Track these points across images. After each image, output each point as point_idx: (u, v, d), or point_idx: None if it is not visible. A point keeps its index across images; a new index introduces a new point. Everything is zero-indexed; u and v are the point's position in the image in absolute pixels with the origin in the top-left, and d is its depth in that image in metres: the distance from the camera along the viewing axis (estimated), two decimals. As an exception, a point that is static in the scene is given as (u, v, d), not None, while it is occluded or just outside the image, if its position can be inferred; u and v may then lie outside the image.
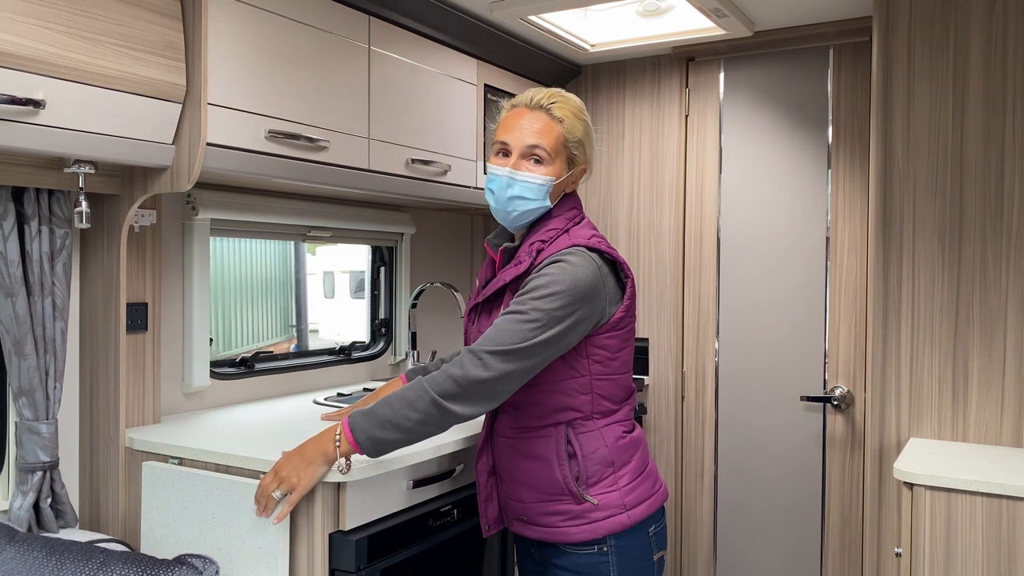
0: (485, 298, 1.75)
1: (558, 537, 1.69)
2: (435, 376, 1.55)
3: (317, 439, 1.60)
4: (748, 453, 2.91)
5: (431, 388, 1.54)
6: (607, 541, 1.67)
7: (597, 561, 1.67)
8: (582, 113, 1.74)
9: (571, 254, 1.63)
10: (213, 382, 2.33)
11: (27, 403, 1.80)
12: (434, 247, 3.20)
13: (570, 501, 1.67)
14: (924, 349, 2.27)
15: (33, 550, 1.62)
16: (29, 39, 1.50)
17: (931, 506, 1.91)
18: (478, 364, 1.54)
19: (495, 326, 1.59)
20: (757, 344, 2.89)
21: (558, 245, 1.67)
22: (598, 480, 1.67)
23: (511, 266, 1.71)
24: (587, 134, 1.74)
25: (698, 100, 2.98)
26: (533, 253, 1.68)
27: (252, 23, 1.90)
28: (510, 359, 1.54)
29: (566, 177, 1.73)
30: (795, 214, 2.83)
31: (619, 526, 1.66)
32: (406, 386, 1.58)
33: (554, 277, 1.59)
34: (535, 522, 1.71)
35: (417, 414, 1.54)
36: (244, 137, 1.88)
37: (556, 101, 1.71)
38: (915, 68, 2.28)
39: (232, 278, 2.77)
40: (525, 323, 1.56)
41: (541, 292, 1.58)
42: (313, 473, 1.59)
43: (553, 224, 1.71)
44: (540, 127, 1.69)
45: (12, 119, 1.50)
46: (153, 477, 1.87)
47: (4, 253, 1.75)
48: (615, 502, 1.67)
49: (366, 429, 1.56)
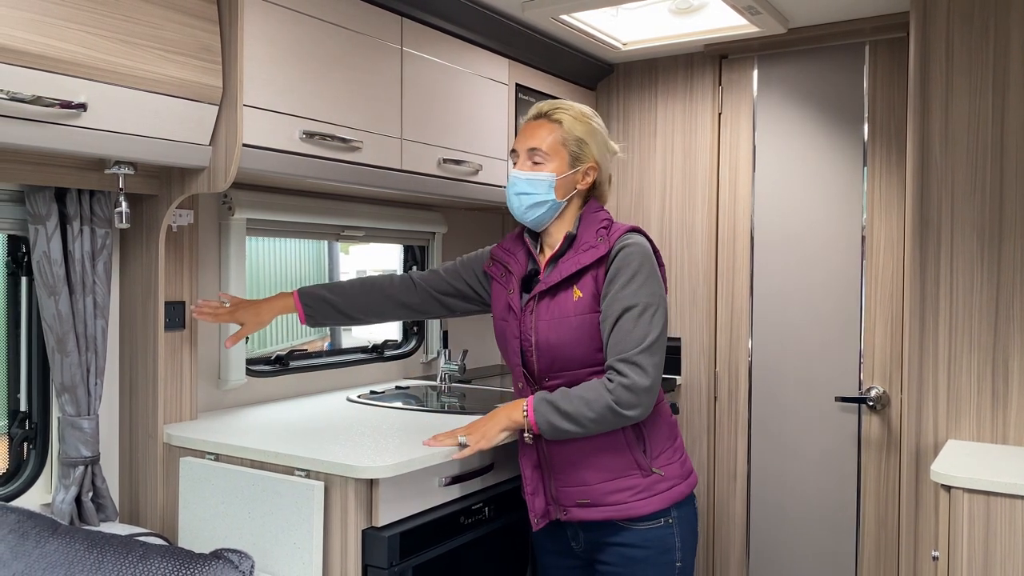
0: (553, 283, 1.81)
1: (628, 512, 1.77)
2: (607, 383, 1.71)
3: (507, 409, 1.81)
4: (781, 454, 2.88)
5: (609, 395, 1.69)
6: (671, 512, 1.80)
7: (664, 534, 1.80)
8: (584, 116, 1.86)
9: (635, 238, 1.79)
10: (248, 379, 2.36)
11: (69, 399, 1.85)
12: (465, 246, 3.20)
13: (638, 475, 1.78)
14: (963, 349, 2.23)
15: (75, 542, 1.65)
16: (72, 44, 1.53)
17: (969, 509, 1.88)
18: (638, 370, 1.70)
19: (624, 328, 1.71)
20: (791, 344, 2.87)
21: (618, 229, 1.82)
22: (660, 452, 1.82)
23: (583, 251, 1.79)
24: (589, 133, 1.84)
25: (731, 98, 2.96)
26: (604, 236, 1.79)
27: (286, 25, 1.92)
28: (654, 352, 1.72)
29: (571, 173, 1.83)
30: (830, 212, 2.80)
31: (680, 495, 1.81)
32: (584, 385, 1.74)
33: (640, 261, 1.75)
34: (601, 502, 1.78)
35: (593, 414, 1.70)
36: (279, 138, 1.90)
37: (556, 108, 1.86)
38: (954, 63, 2.24)
39: (267, 277, 2.81)
40: (645, 313, 1.72)
41: (640, 279, 1.74)
42: (500, 436, 1.81)
43: (604, 216, 1.85)
44: (539, 131, 1.84)
45: (56, 122, 1.54)
46: (190, 473, 1.90)
47: (48, 252, 1.80)
48: (676, 472, 1.83)
49: (545, 415, 1.73)
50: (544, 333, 1.79)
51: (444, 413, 2.31)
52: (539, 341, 1.80)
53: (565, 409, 1.71)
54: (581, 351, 1.77)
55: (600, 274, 1.77)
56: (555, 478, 1.82)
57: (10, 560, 1.62)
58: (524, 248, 1.92)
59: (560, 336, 1.77)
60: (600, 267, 1.78)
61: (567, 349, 1.77)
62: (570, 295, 1.79)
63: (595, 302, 1.77)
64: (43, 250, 1.79)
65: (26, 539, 1.66)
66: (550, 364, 1.80)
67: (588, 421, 1.70)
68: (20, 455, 1.92)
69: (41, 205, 1.79)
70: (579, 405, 1.71)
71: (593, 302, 1.77)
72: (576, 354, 1.77)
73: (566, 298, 1.79)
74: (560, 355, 1.78)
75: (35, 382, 1.93)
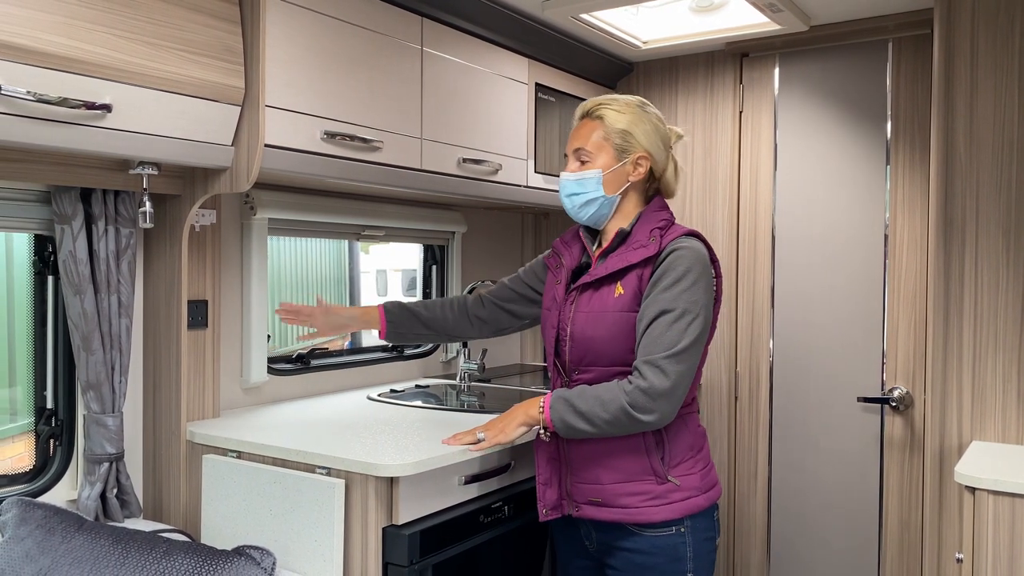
0: (597, 277, 1.80)
1: (637, 517, 1.74)
2: (626, 385, 1.68)
3: (525, 405, 1.81)
4: (803, 455, 2.86)
5: (624, 396, 1.66)
6: (684, 522, 1.75)
7: (675, 542, 1.75)
8: (628, 107, 1.82)
9: (690, 242, 1.75)
10: (270, 378, 2.38)
11: (94, 396, 1.87)
12: (485, 245, 3.21)
13: (653, 481, 1.74)
14: (987, 349, 2.20)
15: (100, 538, 1.68)
16: (98, 46, 1.55)
17: (994, 511, 1.86)
18: (660, 374, 1.65)
19: (656, 331, 1.67)
20: (813, 344, 2.85)
21: (675, 231, 1.78)
22: (680, 462, 1.77)
23: (633, 249, 1.77)
24: (633, 122, 1.81)
25: (752, 96, 2.94)
26: (656, 237, 1.76)
27: (308, 26, 1.93)
28: (682, 359, 1.67)
29: (619, 167, 1.81)
30: (852, 211, 2.78)
31: (696, 507, 1.76)
32: (603, 385, 1.72)
33: (688, 266, 1.71)
34: (611, 503, 1.76)
35: (607, 415, 1.67)
36: (300, 138, 1.92)
37: (598, 104, 1.84)
38: (979, 60, 2.22)
39: (288, 276, 2.83)
40: (681, 319, 1.68)
41: (684, 284, 1.69)
42: (518, 431, 1.81)
43: (664, 216, 1.82)
44: (582, 131, 1.84)
45: (82, 123, 1.56)
46: (213, 470, 1.92)
47: (74, 252, 1.82)
48: (695, 484, 1.77)
49: (561, 412, 1.72)
50: (580, 325, 1.78)
51: (463, 412, 2.31)
52: (574, 332, 1.79)
53: (580, 408, 1.70)
54: (613, 348, 1.75)
55: (646, 274, 1.74)
56: (572, 473, 1.81)
57: (37, 555, 1.65)
58: (580, 242, 1.92)
59: (595, 330, 1.76)
60: (647, 267, 1.75)
61: (599, 344, 1.76)
62: (612, 291, 1.77)
63: (635, 301, 1.74)
64: (69, 249, 1.82)
65: (53, 534, 1.68)
66: (581, 357, 1.79)
67: (602, 422, 1.68)
68: (47, 452, 1.95)
69: (67, 205, 1.81)
70: (594, 405, 1.69)
71: (633, 301, 1.74)
72: (607, 350, 1.75)
73: (608, 293, 1.77)
74: (591, 348, 1.77)
75: (61, 380, 1.96)
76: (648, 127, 1.82)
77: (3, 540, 1.69)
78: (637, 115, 1.82)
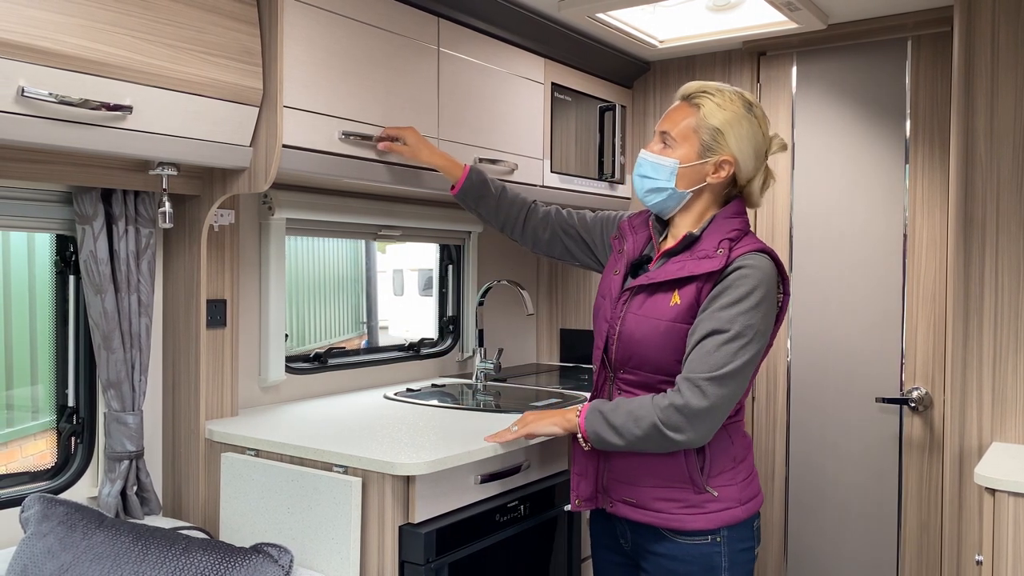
0: (655, 282, 1.71)
1: (671, 523, 1.69)
2: (661, 401, 1.62)
3: (562, 410, 1.79)
4: (821, 456, 2.85)
5: (658, 413, 1.61)
6: (720, 532, 1.69)
7: (710, 552, 1.69)
8: (731, 103, 1.69)
9: (758, 260, 1.64)
10: (288, 377, 2.40)
11: (115, 395, 1.89)
12: (501, 246, 3.22)
13: (690, 490, 1.68)
14: (1008, 349, 2.18)
15: (120, 535, 1.70)
16: (118, 48, 1.57)
17: (1015, 512, 1.84)
18: (698, 394, 1.58)
19: (704, 349, 1.59)
20: (831, 344, 2.83)
21: (744, 245, 1.67)
22: (720, 472, 1.70)
23: (697, 257, 1.67)
24: (730, 123, 1.68)
25: (770, 95, 2.93)
26: (725, 249, 1.65)
27: (325, 27, 1.94)
28: (726, 382, 1.59)
29: (698, 164, 1.70)
30: (871, 210, 2.76)
31: (733, 519, 1.69)
32: (639, 399, 1.66)
33: (752, 286, 1.61)
34: (646, 506, 1.71)
35: (640, 431, 1.63)
36: (318, 139, 1.93)
37: (701, 90, 1.72)
38: (999, 58, 2.19)
39: (306, 276, 2.84)
40: (733, 341, 1.59)
41: (744, 306, 1.60)
42: (548, 428, 1.79)
43: (737, 224, 1.71)
44: (675, 114, 1.73)
45: (102, 124, 1.58)
46: (231, 468, 1.93)
47: (94, 252, 1.84)
48: (733, 495, 1.70)
49: (594, 424, 1.68)
50: (630, 328, 1.71)
51: (479, 411, 2.32)
52: (623, 333, 1.72)
53: (613, 422, 1.65)
54: (661, 356, 1.68)
55: (707, 287, 1.64)
56: (609, 470, 1.77)
57: (59, 551, 1.67)
58: (647, 232, 1.83)
59: (644, 337, 1.69)
60: (709, 281, 1.64)
61: (647, 351, 1.69)
62: (668, 298, 1.67)
63: (691, 313, 1.65)
64: (90, 249, 1.84)
65: (74, 531, 1.70)
66: (627, 359, 1.73)
67: (634, 438, 1.63)
68: (68, 449, 1.97)
69: (88, 206, 1.84)
70: (627, 420, 1.64)
71: (688, 312, 1.65)
72: (654, 358, 1.69)
73: (663, 300, 1.68)
74: (638, 353, 1.70)
75: (82, 378, 1.98)
76: (744, 131, 1.69)
77: (25, 536, 1.71)
78: (737, 115, 1.68)
